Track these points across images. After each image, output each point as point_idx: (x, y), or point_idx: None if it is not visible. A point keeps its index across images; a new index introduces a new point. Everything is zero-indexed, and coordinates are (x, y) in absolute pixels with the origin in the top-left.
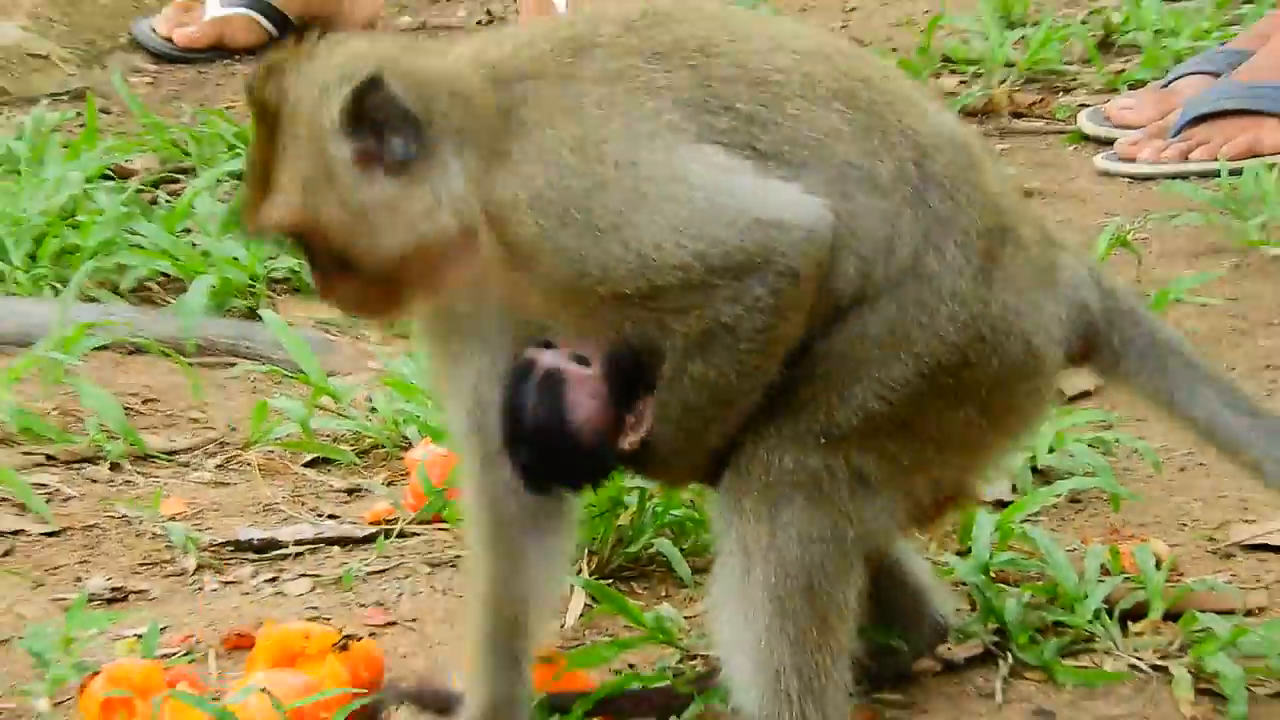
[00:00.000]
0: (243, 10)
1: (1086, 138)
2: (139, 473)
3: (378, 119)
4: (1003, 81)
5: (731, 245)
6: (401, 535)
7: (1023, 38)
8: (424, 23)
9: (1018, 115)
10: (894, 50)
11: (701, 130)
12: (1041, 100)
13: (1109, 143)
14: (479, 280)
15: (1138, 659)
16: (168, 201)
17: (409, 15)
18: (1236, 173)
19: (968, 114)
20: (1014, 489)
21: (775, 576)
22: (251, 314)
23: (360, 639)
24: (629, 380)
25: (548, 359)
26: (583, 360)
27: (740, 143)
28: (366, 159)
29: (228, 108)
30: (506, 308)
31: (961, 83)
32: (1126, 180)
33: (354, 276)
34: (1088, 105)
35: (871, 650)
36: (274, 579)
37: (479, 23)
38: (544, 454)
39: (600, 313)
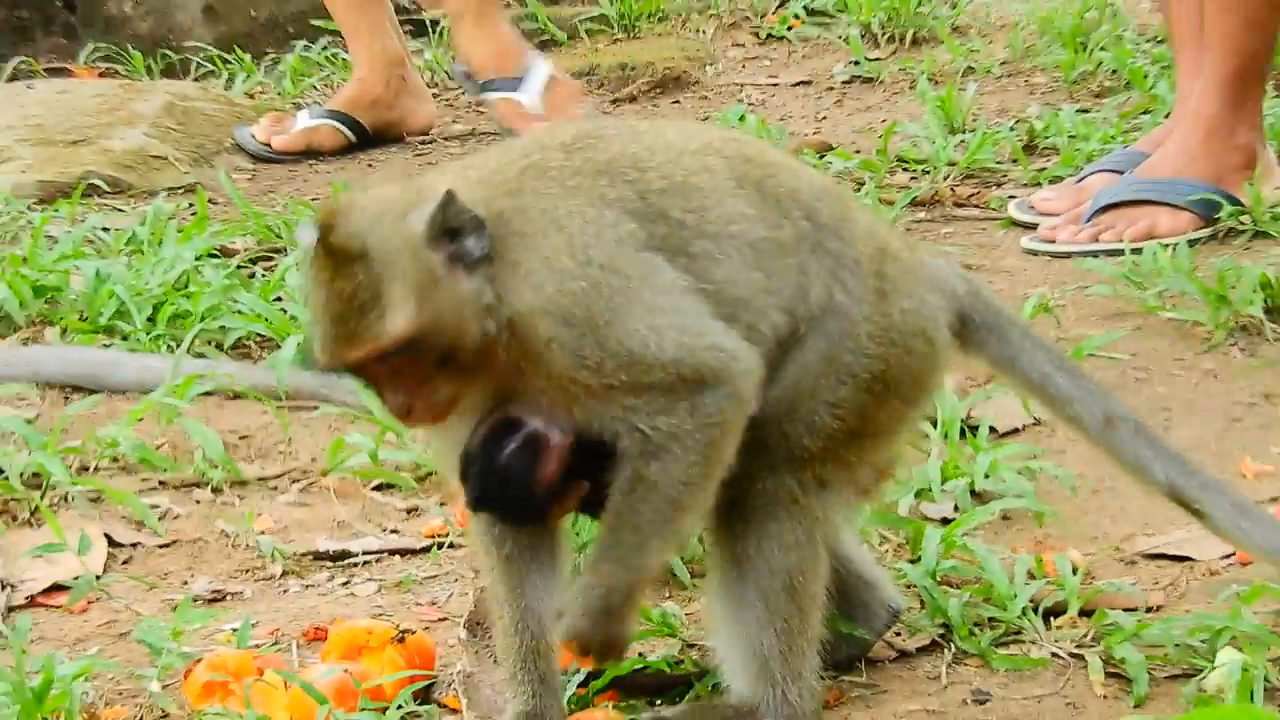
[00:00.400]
0: (327, 121)
1: (1015, 223)
2: (236, 496)
3: (454, 227)
4: (946, 178)
5: (699, 357)
6: (452, 546)
7: (962, 141)
8: (473, 129)
9: (959, 205)
10: (857, 151)
11: (650, 238)
12: (978, 193)
13: (1033, 227)
14: (495, 371)
15: (1058, 648)
16: (264, 275)
17: (461, 124)
18: (1137, 251)
19: (917, 204)
20: (956, 508)
21: (762, 580)
22: None
23: (415, 633)
24: (584, 463)
25: (537, 423)
26: (564, 432)
27: (677, 249)
28: (453, 260)
29: (313, 199)
30: (500, 390)
31: (912, 178)
32: (1047, 258)
33: (445, 378)
34: (1015, 196)
35: (835, 636)
36: (346, 583)
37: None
38: (498, 495)
39: (586, 403)
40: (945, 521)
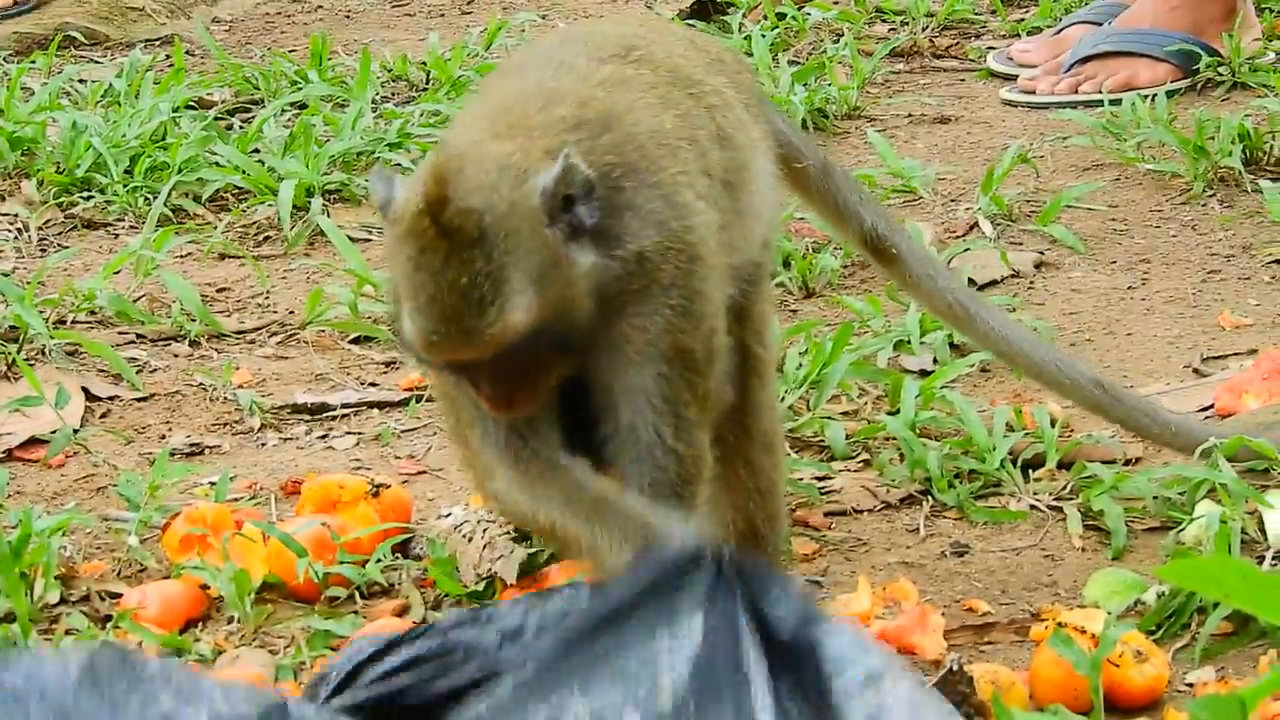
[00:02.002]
0: None
1: (994, 74)
2: (214, 349)
3: (570, 195)
4: (925, 29)
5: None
6: (430, 400)
7: None
8: None
9: (937, 56)
10: (835, 3)
11: (723, 169)
12: (956, 44)
13: (1012, 78)
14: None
15: (1037, 500)
16: (241, 127)
17: None
18: (1116, 103)
19: (896, 55)
20: (935, 361)
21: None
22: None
23: (389, 487)
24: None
25: None
26: None
27: (731, 181)
28: (570, 233)
29: (290, 50)
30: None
31: (890, 29)
32: (1026, 109)
33: (547, 360)
34: (995, 48)
35: None
36: (324, 436)
37: None
38: None
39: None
40: (924, 374)
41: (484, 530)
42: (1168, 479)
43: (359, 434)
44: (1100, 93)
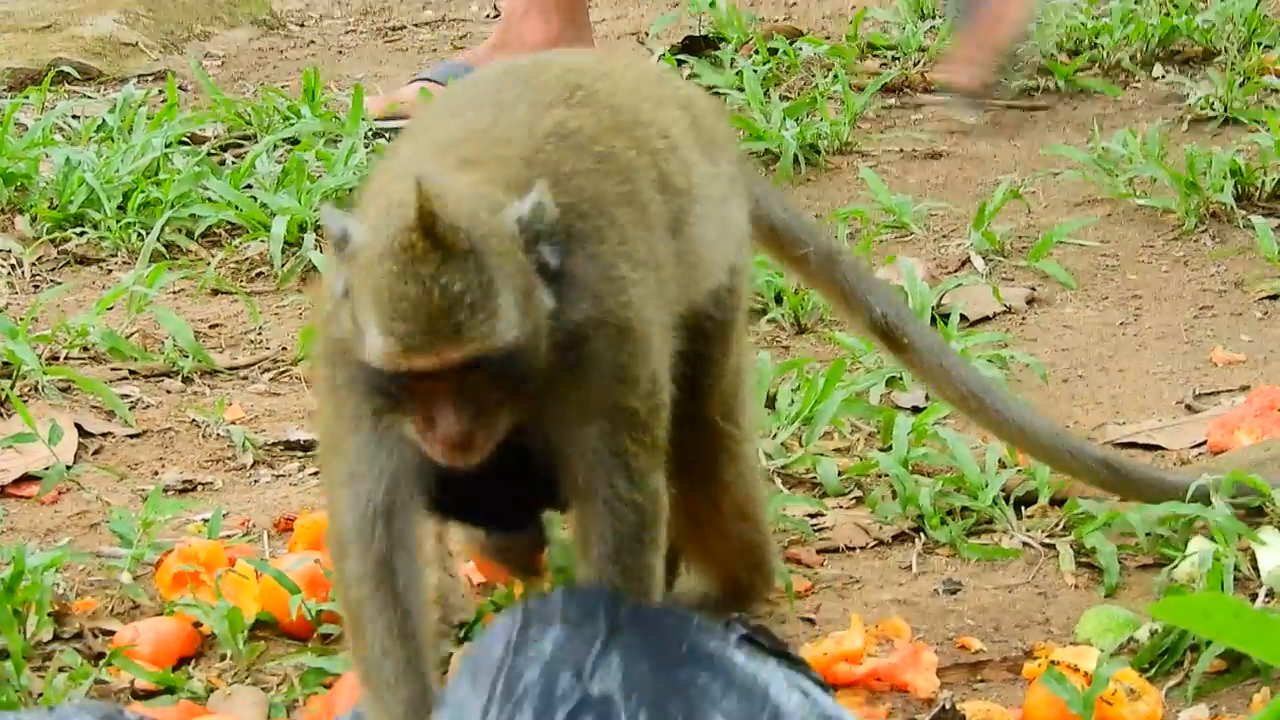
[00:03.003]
0: None
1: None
2: (206, 385)
3: (539, 231)
4: (916, 64)
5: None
6: None
7: (932, 27)
8: (443, 16)
9: (928, 91)
10: (827, 37)
11: (670, 219)
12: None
13: None
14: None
15: (1029, 538)
16: (234, 163)
17: (430, 11)
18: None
19: (887, 90)
20: (927, 397)
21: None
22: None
23: None
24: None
25: None
26: None
27: (677, 225)
28: (539, 270)
29: (283, 86)
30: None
31: (882, 64)
32: (1015, 143)
33: (505, 406)
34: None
35: None
36: (317, 472)
37: (488, 17)
38: None
39: (587, 431)
40: (916, 410)
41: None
42: (1160, 516)
43: None
44: None
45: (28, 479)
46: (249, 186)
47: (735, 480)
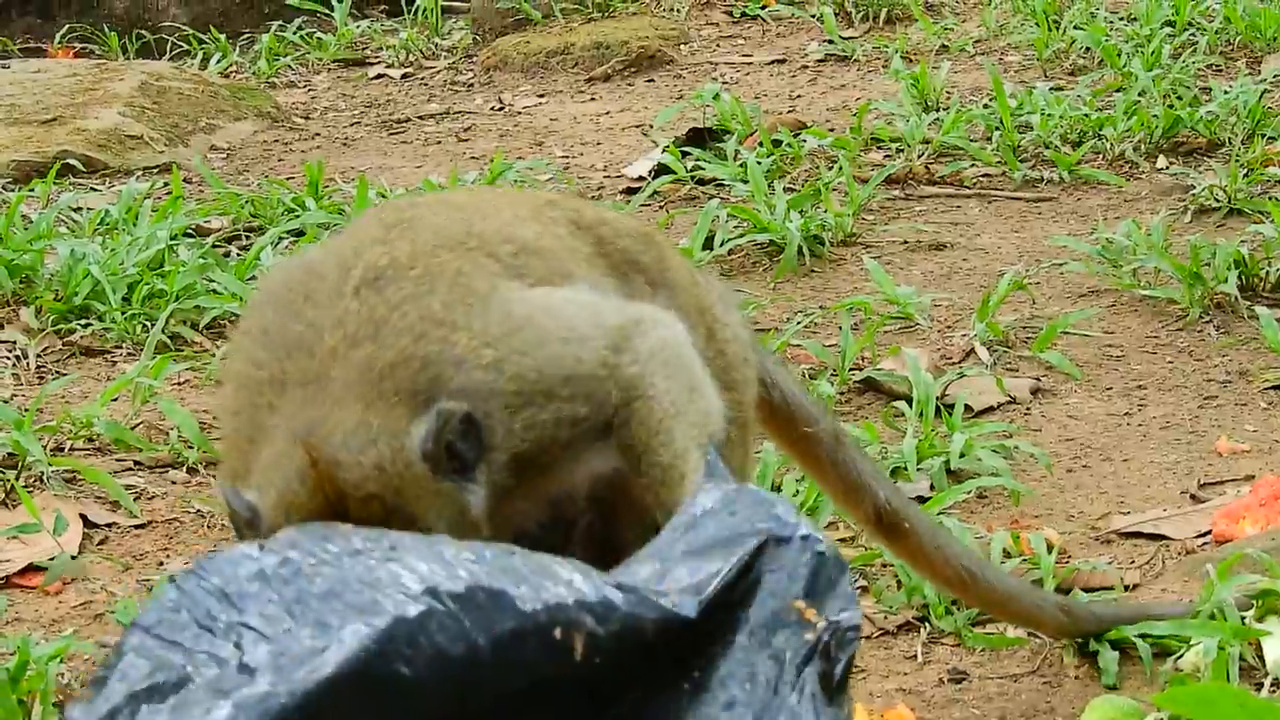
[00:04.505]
0: None
1: None
2: (211, 476)
3: (450, 439)
4: (920, 156)
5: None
6: None
7: (936, 119)
8: (448, 109)
9: (932, 183)
10: (831, 130)
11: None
12: (952, 171)
13: None
14: None
15: None
16: (239, 254)
17: (435, 104)
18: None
19: (891, 182)
20: (932, 487)
21: None
22: None
23: None
24: None
25: None
26: None
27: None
28: (461, 470)
29: (288, 178)
30: None
31: (886, 156)
32: (1019, 234)
33: None
34: (989, 174)
35: None
36: None
37: (493, 109)
38: None
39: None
40: (921, 500)
41: None
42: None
43: None
44: None
45: (33, 569)
46: (254, 278)
47: None
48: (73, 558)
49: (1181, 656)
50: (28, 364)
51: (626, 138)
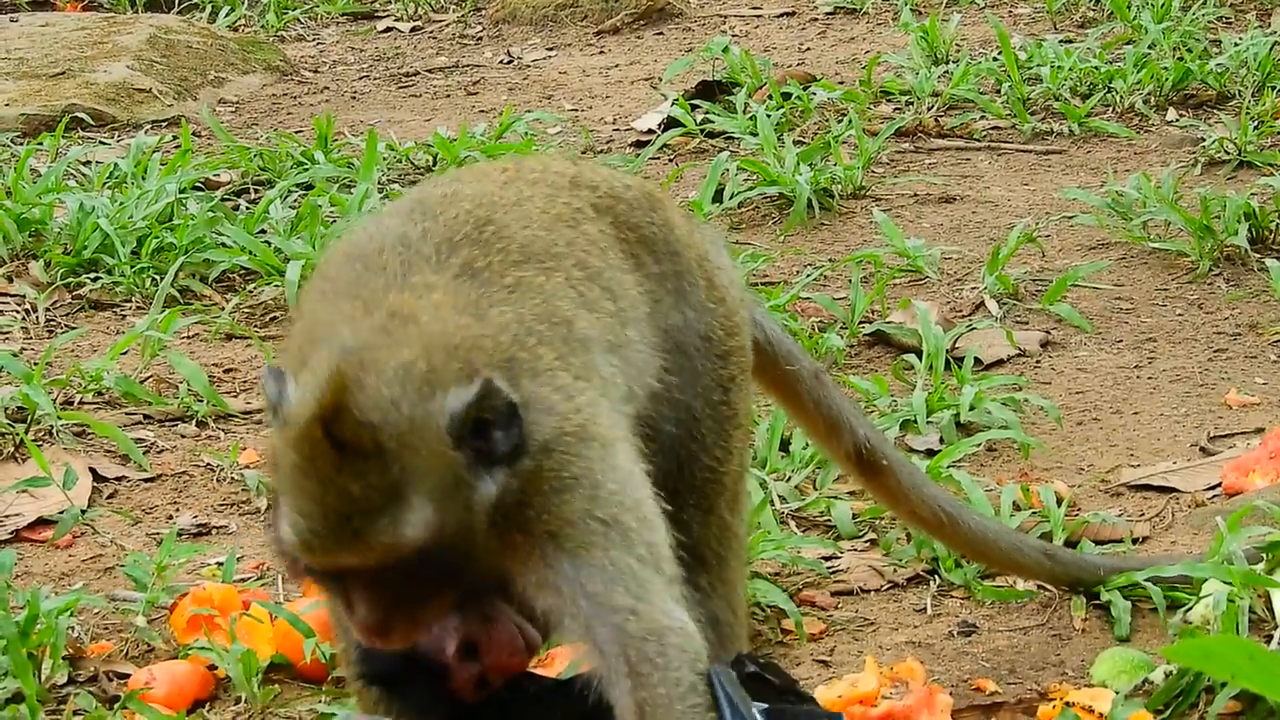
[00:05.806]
0: None
1: None
2: (221, 429)
3: (486, 418)
4: (930, 108)
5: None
6: None
7: (945, 72)
8: (456, 62)
9: (942, 135)
10: (841, 83)
11: (606, 345)
12: (961, 124)
13: None
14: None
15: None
16: (247, 208)
17: (444, 57)
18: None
19: (900, 135)
20: (941, 440)
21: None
22: None
23: None
24: None
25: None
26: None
27: (613, 345)
28: (478, 459)
29: (297, 131)
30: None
31: (895, 109)
32: (1029, 187)
33: (433, 590)
34: (999, 127)
35: None
36: None
37: (501, 63)
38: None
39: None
40: (931, 453)
41: None
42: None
43: None
44: None
45: (42, 523)
46: (263, 232)
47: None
48: (82, 511)
49: (1190, 609)
50: (37, 318)
51: (635, 91)
